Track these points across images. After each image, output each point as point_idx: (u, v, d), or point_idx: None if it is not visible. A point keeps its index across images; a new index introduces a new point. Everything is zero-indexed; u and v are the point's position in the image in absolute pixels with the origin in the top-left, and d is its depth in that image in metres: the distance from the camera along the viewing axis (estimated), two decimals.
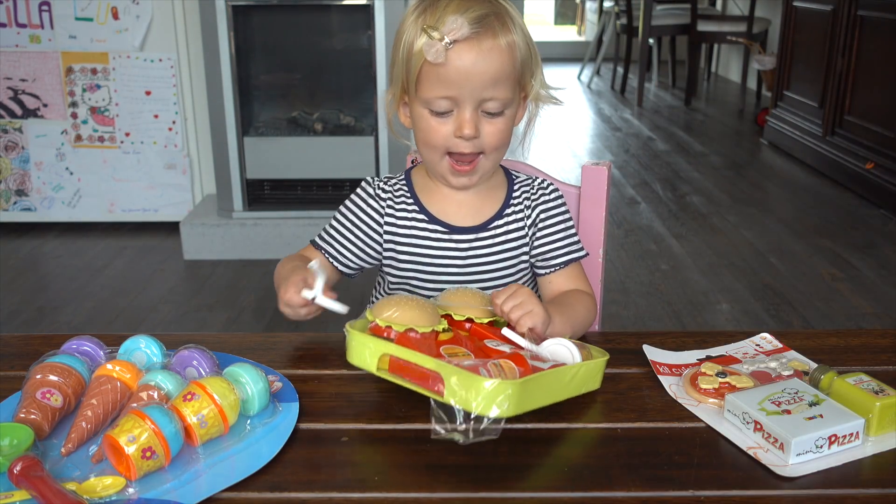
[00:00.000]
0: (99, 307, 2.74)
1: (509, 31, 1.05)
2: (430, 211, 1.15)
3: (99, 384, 0.85)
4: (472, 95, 1.04)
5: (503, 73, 1.04)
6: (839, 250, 3.18)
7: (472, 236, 1.14)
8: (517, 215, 1.16)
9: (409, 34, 1.06)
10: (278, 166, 3.15)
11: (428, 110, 1.07)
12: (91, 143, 3.32)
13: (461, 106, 1.05)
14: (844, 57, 3.91)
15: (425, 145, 1.10)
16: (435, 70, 1.03)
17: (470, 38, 1.01)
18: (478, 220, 1.15)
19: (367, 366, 0.89)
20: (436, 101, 1.05)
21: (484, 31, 1.02)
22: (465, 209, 1.15)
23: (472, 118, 1.05)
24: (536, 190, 1.18)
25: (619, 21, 6.31)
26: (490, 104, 1.06)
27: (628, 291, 2.83)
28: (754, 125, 5.26)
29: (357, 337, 0.90)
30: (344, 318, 0.97)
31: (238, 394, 0.83)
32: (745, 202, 3.82)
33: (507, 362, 0.84)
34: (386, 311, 0.91)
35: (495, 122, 1.07)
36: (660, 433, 0.85)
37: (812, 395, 0.85)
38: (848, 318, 2.62)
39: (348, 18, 3.18)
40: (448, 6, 1.03)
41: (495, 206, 1.16)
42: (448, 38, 1.01)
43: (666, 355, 1.00)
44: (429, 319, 0.91)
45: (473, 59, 1.02)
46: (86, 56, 3.21)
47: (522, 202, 1.17)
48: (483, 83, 1.03)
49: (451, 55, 1.02)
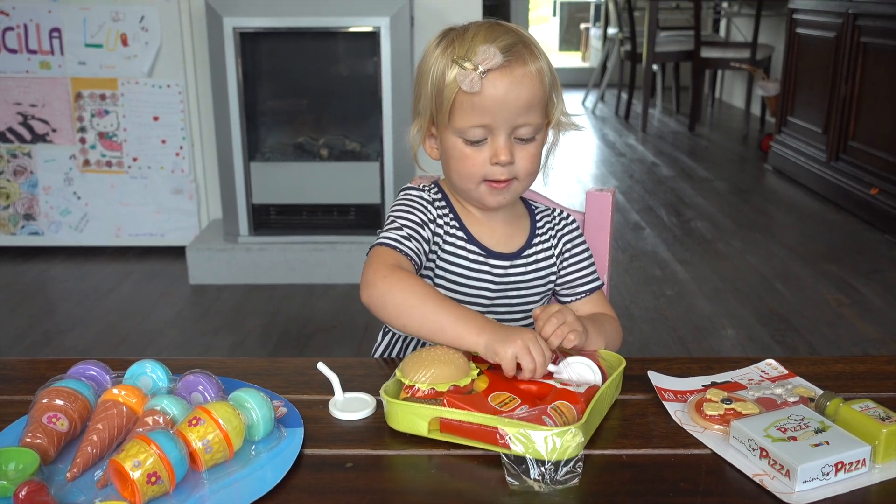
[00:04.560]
0: (105, 331, 2.74)
1: (537, 59, 1.07)
2: (470, 232, 1.15)
3: (105, 409, 0.85)
4: (506, 122, 1.06)
5: (535, 99, 1.07)
6: (845, 276, 3.17)
7: (508, 263, 1.15)
8: (545, 244, 1.18)
9: (438, 67, 1.07)
10: (284, 191, 3.16)
11: (462, 140, 1.08)
12: (99, 168, 3.34)
13: (495, 133, 1.07)
14: (848, 83, 3.93)
15: (459, 174, 1.10)
16: (469, 99, 1.05)
17: (502, 67, 1.03)
18: (510, 247, 1.16)
19: (416, 431, 0.88)
20: (471, 130, 1.06)
21: (515, 59, 1.05)
22: (497, 235, 1.16)
23: (507, 145, 1.07)
24: (559, 220, 1.21)
25: (623, 48, 6.35)
26: (523, 130, 1.07)
27: (633, 317, 2.82)
28: (758, 151, 5.27)
29: (403, 407, 0.88)
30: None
31: (243, 419, 0.83)
32: (749, 227, 3.82)
33: (564, 404, 0.86)
34: (420, 370, 0.90)
35: (527, 148, 1.09)
36: (665, 460, 0.85)
37: (818, 421, 0.85)
38: (854, 343, 2.61)
39: (354, 45, 3.21)
40: (476, 37, 1.05)
41: (523, 235, 1.18)
42: (482, 67, 1.02)
43: (671, 381, 1.00)
44: (463, 369, 0.92)
45: (507, 87, 1.04)
46: (95, 82, 3.24)
47: (547, 232, 1.20)
48: (517, 110, 1.05)
49: (486, 84, 1.03)
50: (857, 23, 3.85)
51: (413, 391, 0.90)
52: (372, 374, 1.03)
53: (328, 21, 2.99)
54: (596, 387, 0.91)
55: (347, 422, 0.92)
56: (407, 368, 0.92)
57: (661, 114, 6.73)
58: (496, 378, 0.94)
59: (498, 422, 0.83)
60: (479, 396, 0.89)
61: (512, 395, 0.90)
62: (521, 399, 0.89)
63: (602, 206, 1.29)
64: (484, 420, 0.84)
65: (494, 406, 0.88)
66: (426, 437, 0.87)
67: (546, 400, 0.88)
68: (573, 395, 0.87)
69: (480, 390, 0.91)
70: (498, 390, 0.91)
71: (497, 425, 0.83)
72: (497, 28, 1.07)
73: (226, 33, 2.94)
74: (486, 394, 0.90)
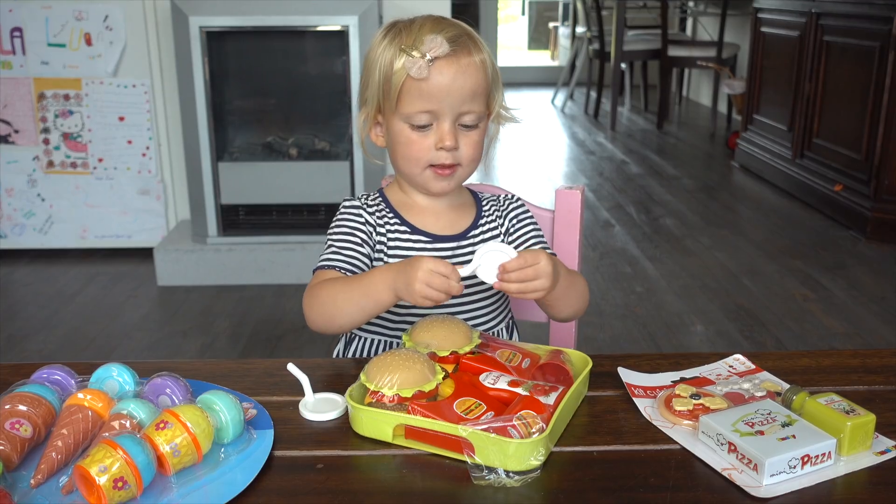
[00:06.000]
0: (70, 335, 2.70)
1: (481, 51, 1.13)
2: (411, 223, 1.20)
3: (70, 413, 0.84)
4: (451, 109, 1.11)
5: (478, 88, 1.12)
6: (810, 271, 3.22)
7: (455, 244, 1.19)
8: (491, 224, 1.23)
9: (386, 56, 1.12)
10: (253, 191, 3.14)
11: (408, 125, 1.13)
12: (63, 170, 3.29)
13: (441, 119, 1.12)
14: (812, 81, 3.99)
15: (406, 159, 1.15)
16: (417, 86, 1.10)
17: (449, 56, 1.09)
18: (456, 230, 1.21)
19: (380, 436, 0.88)
20: (417, 115, 1.11)
21: (461, 49, 1.11)
22: (442, 221, 1.21)
23: (452, 131, 1.12)
24: (504, 202, 1.26)
25: (592, 46, 6.39)
26: (467, 117, 1.13)
27: (603, 314, 2.84)
28: (725, 148, 5.33)
29: (367, 413, 0.88)
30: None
31: (212, 422, 0.82)
32: (717, 224, 3.86)
33: (528, 413, 0.85)
34: (384, 375, 0.89)
35: (471, 135, 1.15)
36: (635, 456, 0.85)
37: (785, 415, 0.86)
38: (820, 338, 2.65)
39: (323, 44, 3.19)
40: (423, 28, 1.11)
41: (469, 219, 1.23)
42: (430, 54, 1.08)
43: (641, 378, 1.01)
44: (428, 373, 0.91)
45: (453, 75, 1.10)
46: (58, 82, 3.19)
47: (493, 213, 1.24)
48: (462, 97, 1.11)
49: (433, 71, 1.09)
50: (821, 22, 3.90)
51: (378, 396, 0.89)
52: (342, 375, 1.03)
53: (296, 20, 2.97)
54: (564, 392, 0.91)
55: (318, 423, 0.92)
56: (372, 373, 0.91)
57: (629, 112, 6.78)
58: (462, 382, 0.94)
59: (463, 431, 0.83)
60: (444, 403, 0.89)
61: (478, 401, 0.90)
62: (487, 405, 0.89)
63: (572, 203, 1.30)
64: (448, 429, 0.84)
65: (459, 413, 0.87)
66: (391, 442, 0.87)
67: (512, 408, 0.87)
68: (539, 405, 0.87)
69: (446, 396, 0.91)
70: (464, 396, 0.90)
71: (462, 435, 0.83)
72: (442, 21, 1.13)
73: (192, 32, 2.91)
74: (451, 399, 0.90)
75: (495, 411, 0.88)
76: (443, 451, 0.85)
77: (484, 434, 0.82)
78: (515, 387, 0.92)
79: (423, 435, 0.86)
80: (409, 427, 0.87)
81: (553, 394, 0.90)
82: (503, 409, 0.89)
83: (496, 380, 0.94)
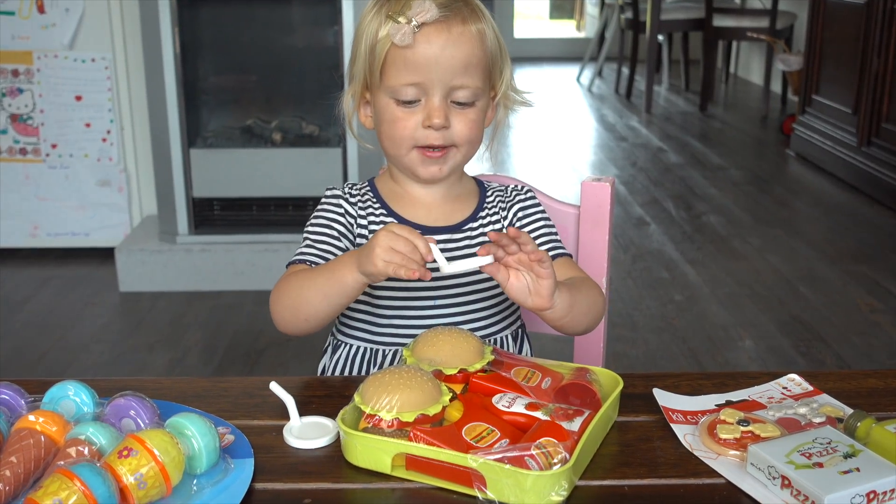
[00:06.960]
0: (20, 347, 2.71)
1: (479, 20, 1.14)
2: (399, 215, 1.21)
3: (19, 439, 0.84)
4: (441, 82, 1.12)
5: (473, 60, 1.13)
6: (878, 278, 3.22)
7: (446, 237, 1.20)
8: (492, 217, 1.24)
9: (372, 25, 1.14)
10: (230, 183, 3.15)
11: (394, 100, 1.15)
12: (11, 157, 3.30)
13: (429, 93, 1.13)
14: (881, 56, 3.98)
15: (391, 139, 1.17)
16: (402, 54, 1.11)
17: (438, 22, 1.10)
18: (450, 222, 1.22)
19: (377, 467, 0.88)
20: (402, 88, 1.13)
21: (453, 16, 1.12)
22: (435, 213, 1.22)
23: (442, 107, 1.13)
24: (511, 193, 1.27)
25: (624, 15, 6.39)
26: (460, 93, 1.13)
27: (637, 326, 2.84)
28: (779, 134, 5.33)
29: (362, 440, 0.87)
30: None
31: (183, 449, 0.83)
32: (769, 223, 3.86)
33: (549, 441, 0.85)
34: (382, 396, 0.89)
35: (466, 113, 1.15)
36: (673, 491, 0.86)
37: (847, 445, 0.86)
38: (889, 356, 2.65)
39: (311, 12, 3.20)
40: None
41: (467, 210, 1.24)
42: (416, 20, 1.09)
43: (680, 401, 1.01)
44: (432, 394, 0.90)
45: (442, 44, 1.11)
46: (6, 55, 3.21)
47: (497, 205, 1.25)
48: (452, 69, 1.12)
49: (419, 38, 1.10)
50: None
51: (374, 420, 0.89)
52: (333, 395, 1.03)
53: None
54: (591, 416, 0.91)
55: (305, 451, 0.92)
56: (368, 393, 0.90)
57: (667, 91, 6.78)
58: (472, 405, 0.94)
59: (473, 462, 0.83)
60: (451, 429, 0.89)
61: (490, 427, 0.90)
62: (501, 432, 0.89)
63: (600, 198, 1.30)
64: (456, 459, 0.84)
65: (469, 441, 0.87)
66: (390, 474, 0.87)
67: (530, 435, 0.87)
68: (562, 432, 0.87)
69: (453, 420, 0.91)
70: (474, 420, 0.90)
71: (471, 466, 0.83)
72: None
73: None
74: (460, 425, 0.90)
75: (510, 439, 0.89)
76: (449, 485, 0.85)
77: (497, 465, 0.82)
78: (534, 410, 0.92)
79: (427, 465, 0.86)
80: (411, 456, 0.87)
81: (578, 419, 0.90)
82: (520, 436, 0.89)
83: (512, 402, 0.94)
